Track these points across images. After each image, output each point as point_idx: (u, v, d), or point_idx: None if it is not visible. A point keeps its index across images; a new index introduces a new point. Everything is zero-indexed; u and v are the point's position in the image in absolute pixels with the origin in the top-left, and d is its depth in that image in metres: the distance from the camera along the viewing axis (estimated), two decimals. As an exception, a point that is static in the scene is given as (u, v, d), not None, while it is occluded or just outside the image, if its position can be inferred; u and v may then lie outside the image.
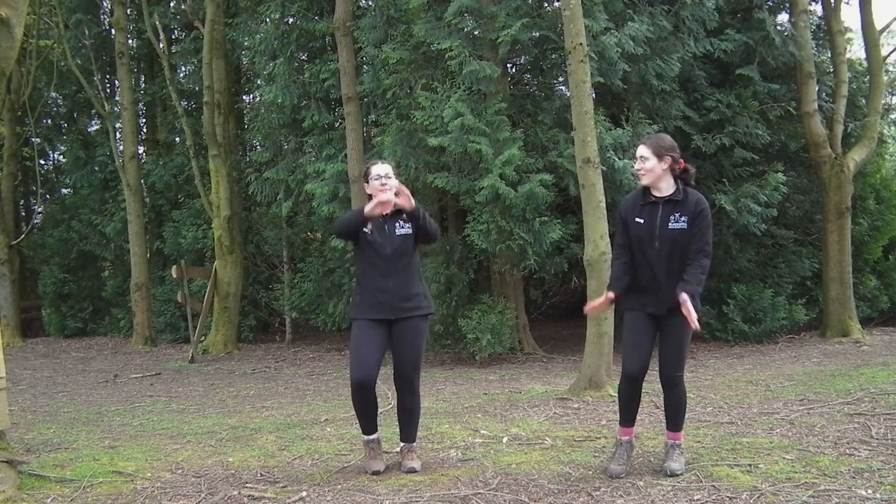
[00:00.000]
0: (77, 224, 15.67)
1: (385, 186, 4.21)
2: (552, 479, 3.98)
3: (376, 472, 4.16)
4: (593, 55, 8.28)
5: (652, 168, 3.95)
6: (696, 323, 3.74)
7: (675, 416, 4.05)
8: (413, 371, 4.26)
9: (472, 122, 8.66)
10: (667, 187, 3.98)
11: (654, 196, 3.99)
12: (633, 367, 4.00)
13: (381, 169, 4.26)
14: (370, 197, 4.30)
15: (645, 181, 3.99)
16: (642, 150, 4.00)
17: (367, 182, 4.29)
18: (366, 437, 4.30)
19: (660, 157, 3.95)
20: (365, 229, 4.20)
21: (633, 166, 8.72)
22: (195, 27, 13.17)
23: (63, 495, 3.97)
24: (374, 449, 4.29)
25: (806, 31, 10.50)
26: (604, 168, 7.39)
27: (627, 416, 4.09)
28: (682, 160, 4.01)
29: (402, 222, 4.24)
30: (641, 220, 3.99)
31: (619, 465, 3.98)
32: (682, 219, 3.91)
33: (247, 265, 13.41)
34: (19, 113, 15.91)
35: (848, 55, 11.87)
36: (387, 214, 4.23)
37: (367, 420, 4.27)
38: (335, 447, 4.91)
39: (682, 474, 3.87)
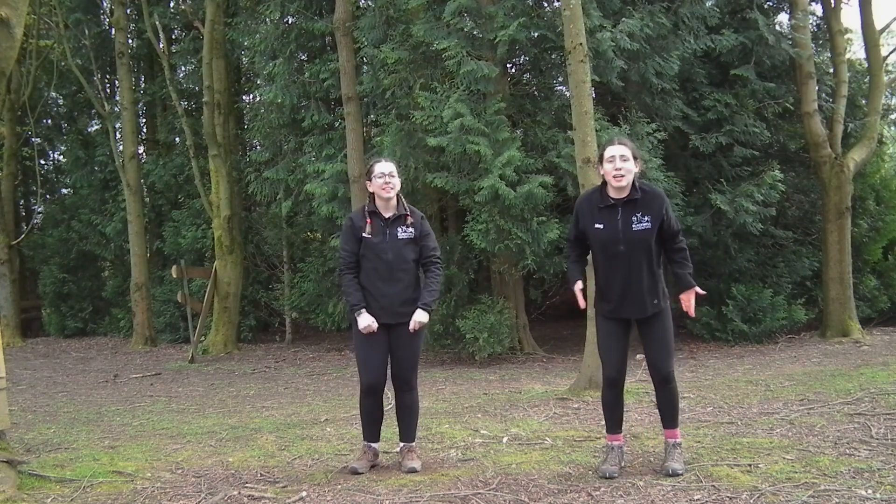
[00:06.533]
0: (77, 224, 15.68)
1: (389, 185, 4.21)
2: (552, 479, 3.98)
3: (353, 471, 4.17)
4: (590, 53, 8.27)
5: (631, 170, 3.84)
6: (692, 310, 3.94)
7: (670, 413, 4.04)
8: (411, 371, 4.28)
9: (471, 122, 8.65)
10: (627, 188, 3.87)
11: (613, 199, 3.87)
12: (613, 370, 3.97)
13: (384, 167, 4.25)
14: (371, 195, 4.30)
15: (623, 183, 3.84)
16: (624, 150, 3.84)
17: (370, 179, 4.27)
18: (366, 443, 4.32)
19: (636, 158, 3.89)
20: (364, 233, 4.17)
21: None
22: (195, 27, 13.18)
23: (63, 495, 3.97)
24: (368, 454, 4.30)
25: (806, 30, 10.49)
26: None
27: (614, 422, 4.07)
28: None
29: (404, 227, 4.21)
30: (601, 226, 3.87)
31: (612, 465, 3.97)
32: (646, 218, 3.82)
33: (247, 265, 13.41)
34: (19, 113, 15.94)
35: (848, 55, 11.88)
36: (389, 218, 4.21)
37: (373, 426, 4.30)
38: (335, 447, 4.91)
39: (682, 474, 3.86)
